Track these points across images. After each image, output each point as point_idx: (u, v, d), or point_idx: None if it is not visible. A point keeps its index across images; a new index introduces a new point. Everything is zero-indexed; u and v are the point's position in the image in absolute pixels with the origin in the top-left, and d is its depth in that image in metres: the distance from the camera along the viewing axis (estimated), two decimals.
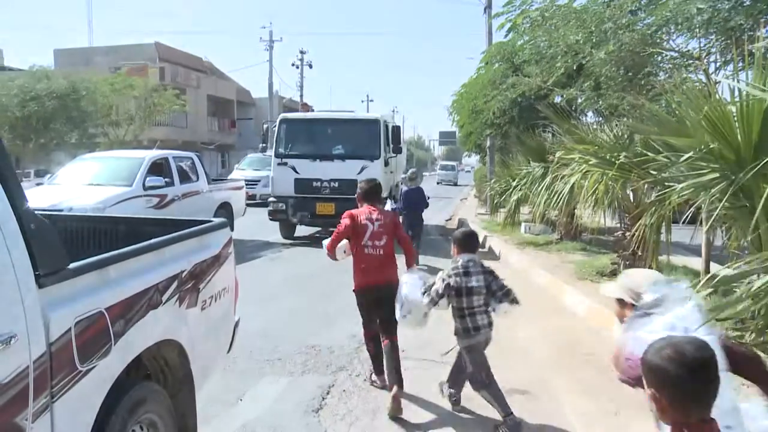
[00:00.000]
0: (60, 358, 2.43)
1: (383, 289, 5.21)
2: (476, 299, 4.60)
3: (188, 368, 3.54)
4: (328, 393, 5.31)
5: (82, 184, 11.12)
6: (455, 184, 53.63)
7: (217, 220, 4.38)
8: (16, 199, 2.40)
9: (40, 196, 10.42)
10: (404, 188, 12.42)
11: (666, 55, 8.48)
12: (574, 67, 9.62)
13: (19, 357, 2.23)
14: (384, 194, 13.63)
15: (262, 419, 4.74)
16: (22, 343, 2.24)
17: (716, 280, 4.13)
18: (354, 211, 5.41)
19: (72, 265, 2.62)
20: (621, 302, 3.07)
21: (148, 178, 11.36)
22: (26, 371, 2.26)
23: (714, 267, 6.74)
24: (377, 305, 5.31)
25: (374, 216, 5.36)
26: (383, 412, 4.93)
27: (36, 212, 2.68)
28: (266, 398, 5.18)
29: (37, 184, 15.89)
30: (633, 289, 3.02)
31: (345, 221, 5.34)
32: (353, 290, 5.44)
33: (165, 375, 3.51)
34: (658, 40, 8.26)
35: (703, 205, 5.41)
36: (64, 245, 4.41)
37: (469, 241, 4.81)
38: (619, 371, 2.90)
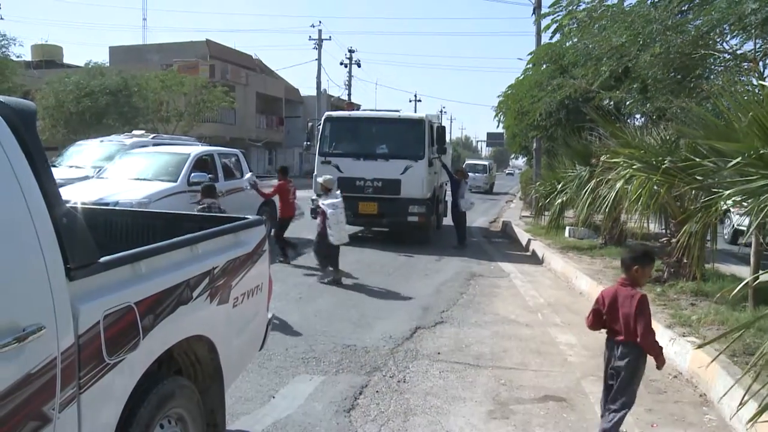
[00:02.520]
0: (88, 351, 2.47)
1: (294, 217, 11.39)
2: None
3: (218, 364, 3.55)
4: (360, 393, 5.29)
5: (128, 178, 11.33)
6: (488, 191, 40.91)
7: (252, 218, 4.39)
8: (49, 193, 2.43)
9: (88, 190, 10.67)
10: (452, 178, 15.78)
11: (718, 57, 8.22)
12: (620, 70, 9.40)
13: (47, 348, 2.27)
14: (428, 194, 13.72)
15: (293, 418, 4.74)
16: (51, 334, 2.28)
17: None
18: (283, 182, 11.26)
19: (102, 259, 2.64)
20: (323, 187, 10.08)
21: (192, 174, 11.50)
22: (54, 362, 2.29)
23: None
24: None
25: (291, 185, 11.32)
26: (416, 414, 4.90)
27: (70, 206, 2.73)
28: (299, 397, 5.18)
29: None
30: (325, 183, 10.03)
31: (279, 185, 11.34)
32: (278, 217, 11.73)
33: (195, 370, 3.54)
34: (710, 42, 8.01)
35: (752, 213, 5.21)
36: (107, 238, 4.54)
37: (211, 190, 8.84)
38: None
